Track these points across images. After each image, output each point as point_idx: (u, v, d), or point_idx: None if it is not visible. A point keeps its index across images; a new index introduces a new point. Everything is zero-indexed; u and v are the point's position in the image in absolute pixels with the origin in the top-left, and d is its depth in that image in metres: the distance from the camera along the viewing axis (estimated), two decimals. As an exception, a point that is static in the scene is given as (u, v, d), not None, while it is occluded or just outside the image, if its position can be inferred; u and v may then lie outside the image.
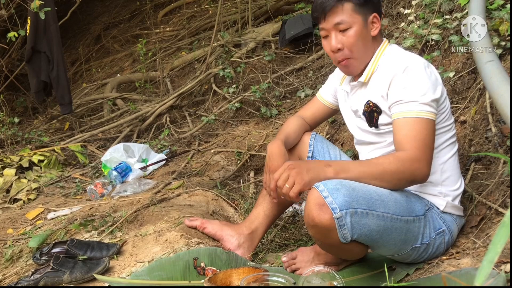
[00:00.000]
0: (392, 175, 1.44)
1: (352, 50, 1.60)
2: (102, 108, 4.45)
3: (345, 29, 1.58)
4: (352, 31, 1.58)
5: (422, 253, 1.56)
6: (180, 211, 2.17)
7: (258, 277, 1.45)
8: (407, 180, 1.46)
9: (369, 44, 1.62)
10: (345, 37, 1.59)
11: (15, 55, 4.79)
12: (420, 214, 1.53)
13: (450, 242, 1.60)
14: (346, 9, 1.58)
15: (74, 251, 1.83)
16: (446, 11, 2.51)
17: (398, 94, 1.51)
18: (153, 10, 5.99)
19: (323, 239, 1.45)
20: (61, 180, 3.09)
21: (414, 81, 1.50)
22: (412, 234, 1.51)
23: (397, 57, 1.59)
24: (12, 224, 2.44)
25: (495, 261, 0.64)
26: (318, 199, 1.37)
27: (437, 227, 1.56)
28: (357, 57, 1.62)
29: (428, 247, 1.56)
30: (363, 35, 1.60)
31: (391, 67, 1.56)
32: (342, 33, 1.59)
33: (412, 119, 1.47)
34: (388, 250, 1.53)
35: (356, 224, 1.38)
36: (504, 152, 1.78)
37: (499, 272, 1.21)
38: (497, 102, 1.39)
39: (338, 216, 1.36)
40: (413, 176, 1.44)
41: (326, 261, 1.65)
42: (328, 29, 1.61)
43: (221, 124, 3.53)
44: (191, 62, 4.67)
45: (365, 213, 1.40)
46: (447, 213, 1.59)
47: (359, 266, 1.70)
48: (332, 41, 1.60)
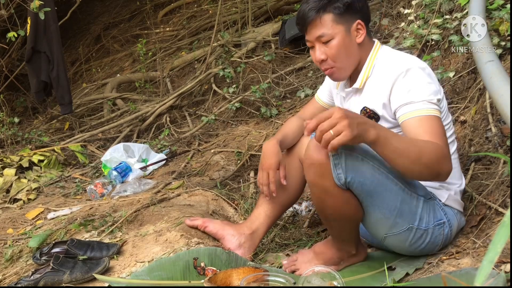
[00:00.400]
0: (428, 161, 1.34)
1: (335, 60, 1.62)
2: (102, 108, 4.45)
3: (327, 41, 1.59)
4: (334, 42, 1.59)
5: (419, 240, 1.55)
6: (180, 211, 2.17)
7: (258, 277, 1.45)
8: (437, 171, 1.37)
9: (354, 51, 1.62)
10: (328, 48, 1.60)
11: (15, 55, 4.79)
12: (420, 195, 1.54)
13: (449, 236, 1.60)
14: (325, 21, 1.58)
15: (74, 251, 1.83)
16: (446, 11, 2.51)
17: (405, 97, 1.49)
18: (153, 10, 6.00)
19: (319, 181, 1.45)
20: (61, 180, 3.09)
21: (417, 83, 1.50)
22: (408, 208, 1.50)
23: (393, 61, 1.58)
24: (12, 224, 2.44)
25: (495, 261, 0.64)
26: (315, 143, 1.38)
27: (438, 217, 1.57)
28: (341, 67, 1.63)
29: (426, 235, 1.55)
30: (346, 44, 1.60)
31: (389, 72, 1.56)
32: (325, 45, 1.60)
33: (426, 117, 1.45)
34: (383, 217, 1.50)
35: (350, 166, 1.41)
36: (504, 152, 1.78)
37: (499, 272, 1.21)
38: (497, 102, 1.39)
39: (333, 153, 1.39)
40: (442, 169, 1.37)
41: (326, 260, 1.66)
42: (311, 41, 1.64)
43: (221, 124, 3.53)
44: (191, 62, 4.67)
45: (360, 159, 1.42)
46: (448, 206, 1.60)
47: (359, 266, 1.70)
48: (316, 53, 1.63)
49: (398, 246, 1.61)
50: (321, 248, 1.70)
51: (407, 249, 1.60)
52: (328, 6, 1.58)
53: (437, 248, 1.61)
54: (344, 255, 1.68)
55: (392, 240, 1.57)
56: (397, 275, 1.53)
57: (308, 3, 1.61)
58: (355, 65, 1.65)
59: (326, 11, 1.58)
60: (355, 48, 1.62)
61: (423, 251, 1.60)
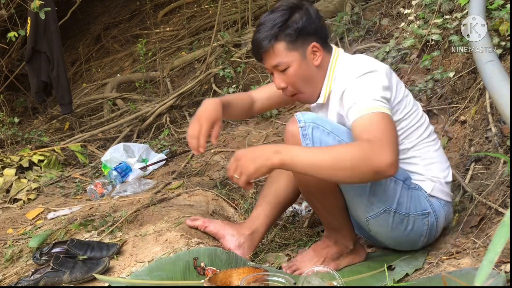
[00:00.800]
0: (351, 163, 1.32)
1: (296, 87, 1.61)
2: (102, 108, 4.45)
3: (284, 69, 1.58)
4: (291, 70, 1.58)
5: (400, 225, 1.56)
6: (180, 211, 2.17)
7: (258, 277, 1.45)
8: (368, 169, 1.32)
9: (314, 74, 1.61)
10: (286, 76, 1.59)
11: (15, 55, 4.79)
12: (399, 179, 1.54)
13: (435, 226, 1.61)
14: (278, 50, 1.57)
15: (74, 251, 1.83)
16: (446, 11, 2.51)
17: (350, 101, 1.48)
18: (153, 10, 5.99)
19: None
20: (61, 180, 3.09)
21: (362, 85, 1.47)
22: (383, 189, 1.51)
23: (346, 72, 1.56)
24: (12, 224, 2.44)
25: (495, 261, 0.64)
26: (292, 117, 1.53)
27: (422, 207, 1.58)
28: (304, 91, 1.63)
29: (407, 221, 1.56)
30: (304, 69, 1.59)
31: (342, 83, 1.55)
32: (283, 73, 1.59)
33: (368, 115, 1.40)
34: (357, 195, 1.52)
35: (317, 138, 1.48)
36: (504, 152, 1.78)
37: (499, 272, 1.21)
38: (497, 102, 1.39)
39: (302, 125, 1.49)
40: (375, 164, 1.31)
41: (325, 256, 1.68)
42: (270, 70, 1.62)
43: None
44: (191, 62, 4.67)
45: (326, 133, 1.49)
46: (434, 197, 1.61)
47: (359, 266, 1.70)
48: (276, 82, 1.62)
49: (381, 232, 1.61)
50: (319, 245, 1.73)
51: (391, 235, 1.60)
52: (280, 35, 1.55)
53: (423, 238, 1.62)
54: (342, 250, 1.69)
55: (375, 225, 1.58)
56: (397, 275, 1.53)
57: (260, 32, 1.58)
58: (320, 86, 1.63)
59: (278, 39, 1.55)
60: (314, 71, 1.60)
61: (408, 238, 1.61)
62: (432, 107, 2.33)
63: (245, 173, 1.39)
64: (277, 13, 1.58)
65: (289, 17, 1.57)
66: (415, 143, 1.62)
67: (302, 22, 1.57)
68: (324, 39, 1.63)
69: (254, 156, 1.39)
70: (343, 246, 1.69)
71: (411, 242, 1.63)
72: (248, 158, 1.39)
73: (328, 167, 1.35)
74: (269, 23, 1.57)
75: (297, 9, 1.58)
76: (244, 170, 1.39)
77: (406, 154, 1.62)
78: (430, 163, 1.63)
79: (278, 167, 1.38)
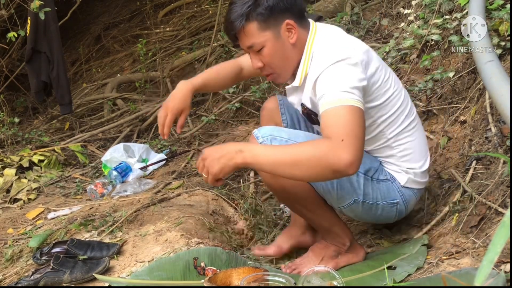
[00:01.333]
0: (309, 162, 1.33)
1: (272, 66, 1.58)
2: (102, 108, 4.45)
3: (259, 49, 1.54)
4: (266, 50, 1.54)
5: (370, 211, 1.64)
6: (180, 211, 2.17)
7: (258, 277, 1.45)
8: (326, 168, 1.32)
9: (290, 53, 1.56)
10: (262, 56, 1.56)
11: (15, 55, 4.78)
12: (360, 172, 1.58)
13: (403, 211, 1.71)
14: (250, 30, 1.51)
15: (74, 251, 1.83)
16: (446, 11, 2.51)
17: (320, 91, 1.45)
18: (153, 10, 5.99)
19: None
20: (61, 180, 3.09)
21: (333, 75, 1.43)
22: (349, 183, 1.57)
23: (321, 56, 1.51)
24: (12, 224, 2.45)
25: (495, 261, 0.64)
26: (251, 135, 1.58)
27: (391, 197, 1.65)
28: (280, 71, 1.60)
29: (376, 208, 1.64)
30: (278, 49, 1.54)
31: (317, 68, 1.50)
32: (258, 53, 1.55)
33: (334, 108, 1.37)
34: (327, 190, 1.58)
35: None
36: (504, 152, 1.78)
37: (499, 272, 1.21)
38: (497, 102, 1.39)
39: (261, 141, 1.53)
40: (332, 163, 1.30)
41: (323, 256, 1.70)
42: (245, 50, 1.59)
43: (221, 124, 3.53)
44: (191, 62, 4.67)
45: (285, 141, 1.51)
46: (407, 188, 1.67)
47: (359, 265, 1.70)
48: (252, 62, 1.59)
49: (355, 215, 1.72)
50: (317, 246, 1.74)
51: (363, 217, 1.70)
52: (251, 15, 1.50)
53: (393, 218, 1.72)
54: (339, 248, 1.71)
55: (348, 211, 1.67)
56: (399, 276, 1.53)
57: (231, 13, 1.52)
58: (294, 65, 1.59)
59: (249, 20, 1.50)
60: (290, 50, 1.55)
61: (379, 219, 1.72)
62: (432, 107, 2.33)
63: (211, 172, 1.41)
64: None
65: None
66: (396, 133, 1.64)
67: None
68: (299, 14, 1.56)
69: (218, 155, 1.40)
70: (340, 244, 1.71)
71: (382, 220, 1.75)
72: (213, 157, 1.41)
73: (288, 164, 1.36)
74: (239, 2, 1.51)
75: None
76: (210, 169, 1.41)
77: (385, 144, 1.65)
78: (408, 153, 1.66)
79: (241, 166, 1.42)
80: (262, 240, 2.07)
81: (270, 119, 1.83)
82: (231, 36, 1.57)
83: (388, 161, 1.68)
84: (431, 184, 2.00)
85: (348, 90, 1.39)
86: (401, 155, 1.67)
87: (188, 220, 2.05)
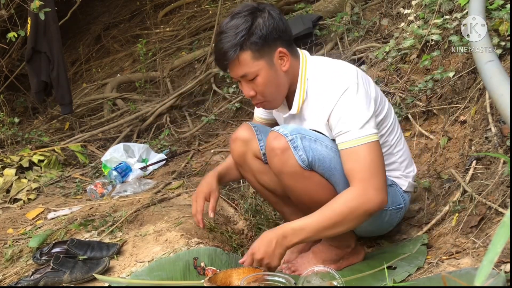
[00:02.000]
0: (347, 218, 1.43)
1: (264, 94, 1.56)
2: (102, 108, 4.45)
3: (252, 78, 1.53)
4: (259, 79, 1.52)
5: (377, 219, 1.65)
6: (180, 211, 2.17)
7: (258, 277, 1.45)
8: (363, 215, 1.44)
9: (282, 81, 1.56)
10: (255, 84, 1.54)
11: (15, 55, 4.78)
12: None
13: (402, 216, 1.76)
14: (244, 60, 1.49)
15: (74, 251, 1.83)
16: (446, 11, 2.51)
17: (336, 127, 1.50)
18: (153, 10, 5.99)
19: (285, 167, 1.50)
20: (61, 180, 3.09)
21: (347, 109, 1.48)
22: None
23: (328, 80, 1.54)
24: (12, 224, 2.45)
25: (495, 261, 0.64)
26: (273, 132, 1.53)
27: (397, 202, 1.68)
28: (272, 98, 1.59)
29: (385, 215, 1.66)
30: (272, 77, 1.53)
31: (325, 94, 1.52)
32: (251, 81, 1.54)
33: (354, 149, 1.46)
34: None
35: (308, 147, 1.49)
36: (504, 152, 1.78)
37: (499, 272, 1.21)
38: (497, 102, 1.39)
39: (290, 138, 1.48)
40: (367, 209, 1.43)
41: (325, 259, 1.67)
42: (235, 78, 1.58)
43: (221, 124, 3.53)
44: (191, 62, 4.67)
45: (313, 140, 1.51)
46: (407, 192, 1.72)
47: (359, 265, 1.70)
48: (245, 90, 1.57)
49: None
50: (319, 247, 1.71)
51: (366, 227, 1.67)
52: (245, 43, 1.47)
53: (394, 224, 1.74)
54: (343, 252, 1.69)
55: None
56: (399, 276, 1.53)
57: (222, 42, 1.49)
58: (286, 92, 1.60)
59: (243, 49, 1.48)
60: (282, 77, 1.56)
61: (380, 228, 1.73)
62: (432, 107, 2.33)
63: (274, 266, 1.48)
64: (238, 19, 1.50)
65: (252, 23, 1.48)
66: (396, 140, 1.69)
67: (266, 28, 1.48)
68: (289, 42, 1.57)
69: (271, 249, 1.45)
70: (345, 246, 1.68)
71: (381, 230, 1.77)
72: (268, 253, 1.45)
73: (329, 228, 1.44)
74: (231, 31, 1.48)
75: (259, 13, 1.50)
76: (272, 264, 1.47)
77: (388, 151, 1.67)
78: (404, 159, 1.72)
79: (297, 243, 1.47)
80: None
81: (245, 149, 1.73)
82: (223, 66, 1.54)
83: (391, 168, 1.69)
84: (431, 184, 2.00)
85: (365, 126, 1.47)
86: (401, 161, 1.71)
87: (188, 220, 2.05)
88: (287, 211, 1.81)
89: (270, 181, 1.71)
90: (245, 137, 1.72)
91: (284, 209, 1.82)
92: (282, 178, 1.55)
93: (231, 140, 1.78)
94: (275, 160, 1.52)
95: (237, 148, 1.74)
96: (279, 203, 1.81)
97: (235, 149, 1.75)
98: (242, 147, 1.73)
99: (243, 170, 1.79)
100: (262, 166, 1.71)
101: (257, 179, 1.75)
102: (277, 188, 1.71)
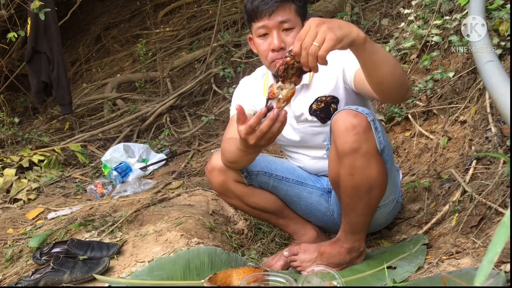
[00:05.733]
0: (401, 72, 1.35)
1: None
2: (102, 108, 4.45)
3: (288, 29, 1.56)
4: (294, 32, 1.56)
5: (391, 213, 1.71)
6: (180, 211, 2.17)
7: (258, 277, 1.45)
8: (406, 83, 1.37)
9: None
10: (288, 37, 1.56)
11: (15, 56, 4.79)
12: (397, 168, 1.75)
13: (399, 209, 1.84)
14: (291, 9, 1.57)
15: (74, 251, 1.83)
16: (446, 11, 2.51)
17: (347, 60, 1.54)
18: (153, 10, 6.00)
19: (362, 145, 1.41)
20: (61, 180, 3.09)
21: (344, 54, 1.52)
22: (393, 179, 1.64)
23: None
24: (12, 224, 2.45)
25: (495, 261, 0.64)
26: (350, 111, 1.43)
27: (400, 192, 1.78)
28: None
29: (396, 207, 1.73)
30: None
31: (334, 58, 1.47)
32: (284, 32, 1.57)
33: None
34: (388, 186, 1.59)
35: (381, 131, 1.47)
36: (504, 152, 1.78)
37: (499, 272, 1.21)
38: (497, 102, 1.39)
39: (372, 118, 1.43)
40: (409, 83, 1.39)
41: (329, 262, 1.62)
42: (270, 27, 1.57)
43: (221, 124, 3.53)
44: (191, 62, 4.67)
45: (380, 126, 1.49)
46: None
47: (359, 265, 1.70)
48: (275, 40, 1.56)
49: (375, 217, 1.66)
50: (327, 248, 1.65)
51: (378, 220, 1.73)
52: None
53: (392, 218, 1.80)
54: (350, 257, 1.64)
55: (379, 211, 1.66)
56: (400, 277, 1.53)
57: None
58: None
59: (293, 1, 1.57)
60: None
61: (385, 222, 1.79)
62: (432, 107, 2.33)
63: (331, 38, 1.14)
64: None
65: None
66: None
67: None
68: None
69: (338, 23, 1.19)
70: (355, 252, 1.63)
71: (385, 223, 1.81)
72: (333, 23, 1.17)
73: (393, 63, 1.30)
74: None
75: None
76: (330, 35, 1.15)
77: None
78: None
79: (360, 42, 1.21)
80: (262, 240, 2.07)
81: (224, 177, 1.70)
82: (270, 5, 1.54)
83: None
84: (431, 184, 2.00)
85: None
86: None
87: (188, 220, 2.05)
88: (283, 223, 1.82)
89: (259, 200, 1.73)
90: (221, 166, 1.68)
91: (279, 221, 1.82)
92: (353, 157, 1.44)
93: (207, 171, 1.74)
94: (354, 137, 1.41)
95: (215, 179, 1.72)
96: (273, 217, 1.81)
97: (213, 180, 1.73)
98: (221, 176, 1.71)
99: (227, 198, 1.78)
100: (246, 188, 1.72)
101: (245, 202, 1.75)
102: (267, 205, 1.73)
